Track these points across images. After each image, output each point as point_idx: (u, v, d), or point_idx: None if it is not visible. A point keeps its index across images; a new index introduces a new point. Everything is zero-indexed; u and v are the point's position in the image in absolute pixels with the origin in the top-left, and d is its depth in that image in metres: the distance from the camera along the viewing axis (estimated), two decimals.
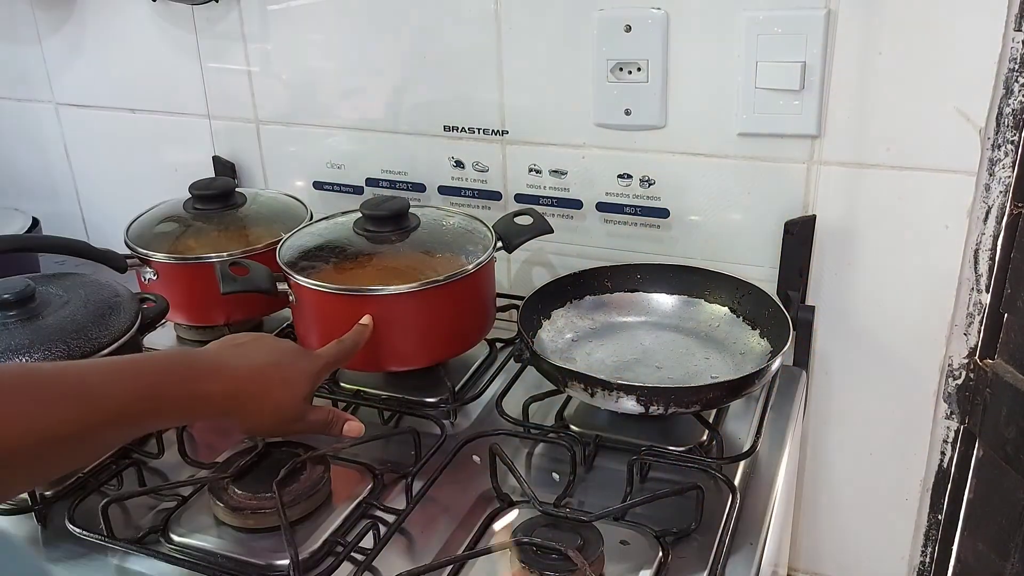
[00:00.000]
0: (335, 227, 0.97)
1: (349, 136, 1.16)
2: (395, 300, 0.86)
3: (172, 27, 1.20)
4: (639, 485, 0.80)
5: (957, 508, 1.03)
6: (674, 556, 0.72)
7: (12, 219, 1.30)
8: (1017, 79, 0.83)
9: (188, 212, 1.06)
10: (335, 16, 1.10)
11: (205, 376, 0.68)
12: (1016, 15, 0.81)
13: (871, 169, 0.92)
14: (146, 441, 0.88)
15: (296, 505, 0.75)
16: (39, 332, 0.78)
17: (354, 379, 0.97)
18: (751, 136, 0.95)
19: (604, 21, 0.96)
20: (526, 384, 0.94)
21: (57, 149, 1.39)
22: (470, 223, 0.98)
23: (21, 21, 1.31)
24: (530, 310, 0.95)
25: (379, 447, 0.87)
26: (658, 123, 0.98)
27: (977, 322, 0.94)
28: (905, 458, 1.03)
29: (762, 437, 0.85)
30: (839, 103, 0.90)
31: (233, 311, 1.02)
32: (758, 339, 0.93)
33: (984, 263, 0.91)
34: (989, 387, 0.94)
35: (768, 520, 0.78)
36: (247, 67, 1.18)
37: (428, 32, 1.05)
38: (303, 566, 0.70)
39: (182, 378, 0.66)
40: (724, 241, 1.01)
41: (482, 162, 1.09)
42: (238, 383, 0.69)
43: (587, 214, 1.06)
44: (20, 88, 1.37)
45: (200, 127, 1.25)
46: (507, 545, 0.70)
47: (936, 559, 1.07)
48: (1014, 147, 0.86)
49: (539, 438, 0.87)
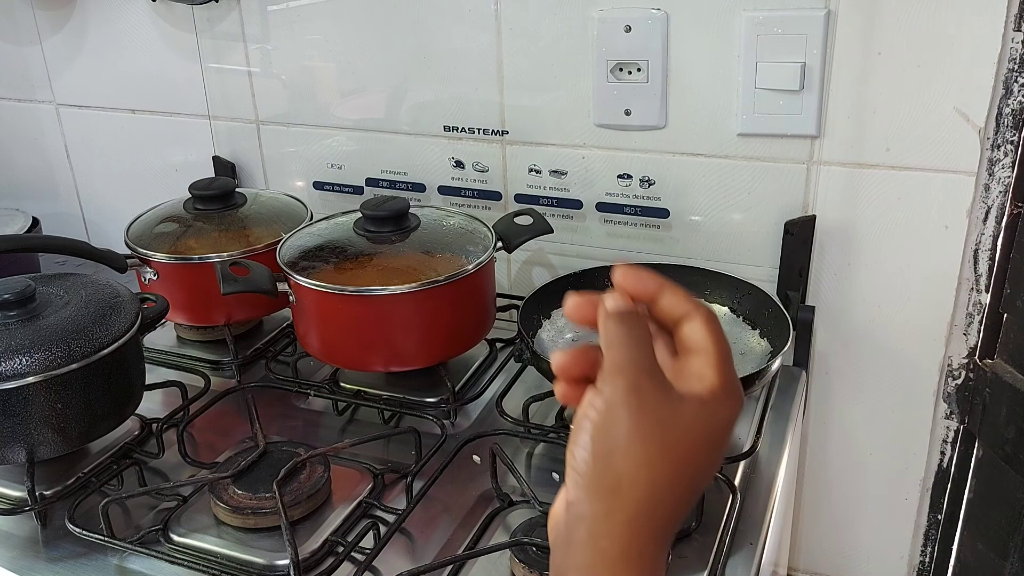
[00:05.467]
0: (335, 227, 0.97)
1: (349, 136, 1.16)
2: (395, 300, 0.86)
3: (172, 27, 1.20)
4: None
5: (957, 508, 1.03)
6: (674, 556, 0.72)
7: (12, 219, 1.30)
8: (1017, 79, 0.83)
9: (188, 212, 1.06)
10: (335, 16, 1.10)
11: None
12: (1016, 15, 0.81)
13: (871, 169, 0.92)
14: (146, 441, 0.89)
15: (296, 505, 0.75)
16: (39, 332, 0.78)
17: (354, 379, 0.97)
18: (751, 136, 0.95)
19: (604, 21, 0.96)
20: (526, 384, 0.94)
21: (57, 149, 1.39)
22: (470, 223, 0.98)
23: (21, 21, 1.31)
24: (530, 310, 0.95)
25: (379, 447, 0.87)
26: (658, 123, 0.98)
27: (977, 322, 0.94)
28: (905, 458, 1.03)
29: (762, 437, 0.85)
30: (839, 103, 0.90)
31: (233, 311, 1.02)
32: (758, 339, 0.93)
33: (984, 263, 0.92)
34: (989, 387, 0.94)
35: (768, 520, 0.78)
36: (247, 67, 1.18)
37: (428, 32, 1.05)
38: (303, 566, 0.70)
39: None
40: (724, 241, 1.01)
41: (482, 162, 1.09)
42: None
43: (587, 214, 1.06)
44: (20, 88, 1.37)
45: (200, 127, 1.25)
46: (507, 545, 0.70)
47: (936, 559, 1.07)
48: (1014, 147, 0.86)
49: (539, 438, 0.87)
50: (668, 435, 0.40)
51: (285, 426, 0.92)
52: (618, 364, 0.41)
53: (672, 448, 0.40)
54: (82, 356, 0.78)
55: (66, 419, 0.79)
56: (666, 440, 0.40)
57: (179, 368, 1.02)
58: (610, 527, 0.40)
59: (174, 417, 0.90)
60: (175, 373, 1.01)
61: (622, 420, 0.40)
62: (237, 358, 1.00)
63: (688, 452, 0.41)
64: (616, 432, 0.40)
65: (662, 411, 0.40)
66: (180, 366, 1.03)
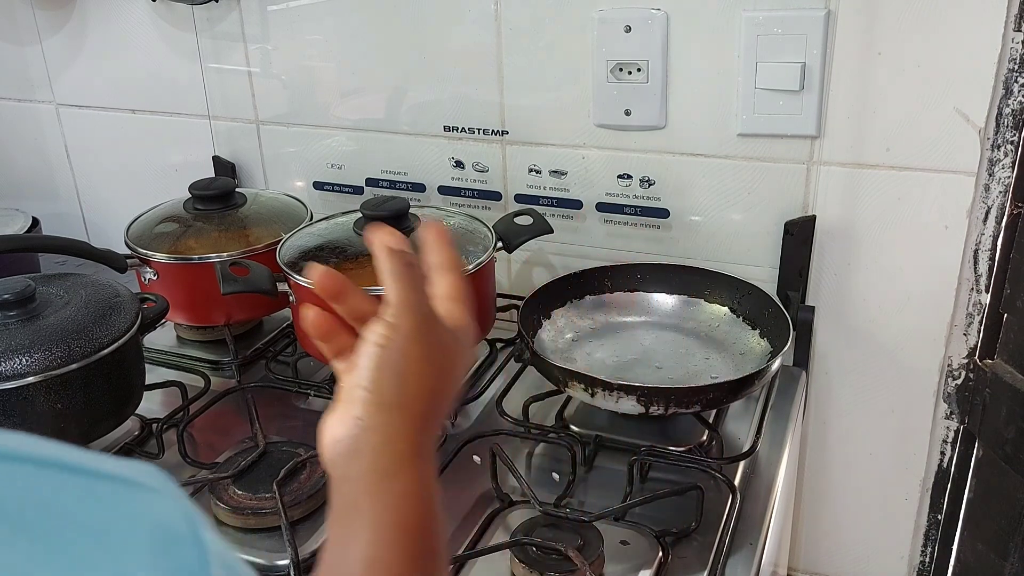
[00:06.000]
0: (335, 227, 0.97)
1: (349, 136, 1.16)
2: None
3: (172, 27, 1.20)
4: (639, 485, 0.80)
5: (957, 508, 1.03)
6: (674, 556, 0.72)
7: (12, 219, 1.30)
8: (1017, 79, 0.83)
9: (188, 212, 1.06)
10: (335, 16, 1.10)
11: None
12: (1016, 15, 0.81)
13: (871, 169, 0.92)
14: (146, 441, 0.89)
15: (296, 505, 0.75)
16: (39, 332, 0.78)
17: None
18: (751, 136, 0.95)
19: (604, 21, 0.96)
20: (526, 384, 0.94)
21: (57, 149, 1.39)
22: (470, 223, 0.98)
23: (21, 21, 1.31)
24: (530, 310, 0.95)
25: None
26: (658, 123, 0.98)
27: (977, 322, 0.94)
28: (905, 458, 1.03)
29: (762, 437, 0.85)
30: (839, 103, 0.90)
31: (233, 311, 1.02)
32: (758, 339, 0.93)
33: (984, 263, 0.92)
34: (989, 387, 0.94)
35: (768, 520, 0.78)
36: (247, 67, 1.18)
37: (428, 32, 1.05)
38: (303, 566, 0.70)
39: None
40: (724, 241, 1.01)
41: (482, 162, 1.09)
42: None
43: (587, 214, 1.06)
44: (20, 88, 1.36)
45: (200, 127, 1.25)
46: (507, 545, 0.70)
47: (936, 559, 1.07)
48: (1014, 147, 0.86)
49: (539, 438, 0.87)
50: (446, 358, 0.53)
51: (285, 426, 0.92)
52: (408, 301, 0.51)
53: (447, 368, 0.53)
54: (82, 356, 0.78)
55: (66, 419, 0.79)
56: (444, 362, 0.52)
57: (179, 368, 1.02)
58: (404, 431, 0.50)
59: (174, 417, 0.90)
60: (175, 373, 1.01)
61: (413, 347, 0.50)
62: (237, 358, 1.00)
63: (454, 370, 0.54)
64: (409, 356, 0.50)
65: (443, 340, 0.52)
66: (180, 366, 1.03)
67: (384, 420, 0.49)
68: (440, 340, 0.52)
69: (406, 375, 0.50)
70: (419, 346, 0.51)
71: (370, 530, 0.47)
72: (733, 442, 0.88)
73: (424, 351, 0.51)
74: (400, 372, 0.50)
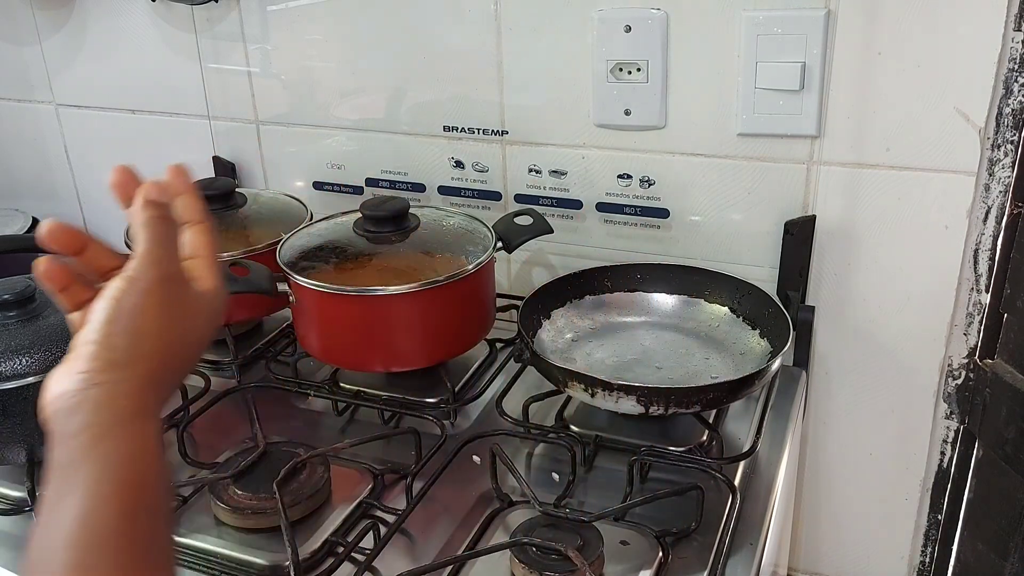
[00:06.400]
0: (335, 227, 0.97)
1: (349, 136, 1.16)
2: (395, 300, 0.86)
3: (172, 27, 1.20)
4: (639, 485, 0.80)
5: (957, 508, 1.03)
6: (674, 556, 0.72)
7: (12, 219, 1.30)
8: (1017, 79, 0.83)
9: None
10: (334, 16, 1.10)
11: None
12: (1016, 15, 0.81)
13: (871, 169, 0.92)
14: None
15: (296, 505, 0.75)
16: (39, 332, 0.78)
17: (354, 379, 0.97)
18: (751, 136, 0.95)
19: (604, 21, 0.96)
20: (526, 384, 0.94)
21: (57, 149, 1.39)
22: (470, 223, 0.98)
23: (21, 21, 1.31)
24: (530, 310, 0.95)
25: (379, 447, 0.87)
26: (658, 123, 0.98)
27: (977, 322, 0.94)
28: (905, 458, 1.03)
29: (762, 437, 0.85)
30: (839, 103, 0.90)
31: (233, 311, 1.02)
32: (758, 339, 0.93)
33: (984, 263, 0.92)
34: (989, 387, 0.94)
35: (768, 520, 0.78)
36: (247, 67, 1.18)
37: (428, 32, 1.05)
38: (303, 566, 0.70)
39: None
40: (724, 241, 1.01)
41: (482, 162, 1.09)
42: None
43: (587, 214, 1.06)
44: (20, 88, 1.36)
45: (200, 127, 1.25)
46: (507, 545, 0.70)
47: (936, 559, 1.08)
48: (1014, 147, 0.86)
49: (539, 438, 0.87)
50: (187, 318, 0.52)
51: (285, 426, 0.92)
52: (153, 255, 0.51)
53: (188, 329, 0.52)
54: None
55: None
56: (185, 322, 0.52)
57: None
58: (129, 390, 0.48)
59: (174, 417, 0.90)
60: None
61: (150, 303, 0.49)
62: (237, 358, 1.00)
63: (196, 331, 0.53)
64: (145, 313, 0.49)
65: (185, 299, 0.52)
66: None
67: (110, 377, 0.48)
68: (181, 299, 0.51)
69: (140, 332, 0.49)
70: (157, 303, 0.50)
71: (85, 487, 0.46)
72: (733, 442, 0.88)
73: (162, 309, 0.50)
74: (133, 328, 0.49)
